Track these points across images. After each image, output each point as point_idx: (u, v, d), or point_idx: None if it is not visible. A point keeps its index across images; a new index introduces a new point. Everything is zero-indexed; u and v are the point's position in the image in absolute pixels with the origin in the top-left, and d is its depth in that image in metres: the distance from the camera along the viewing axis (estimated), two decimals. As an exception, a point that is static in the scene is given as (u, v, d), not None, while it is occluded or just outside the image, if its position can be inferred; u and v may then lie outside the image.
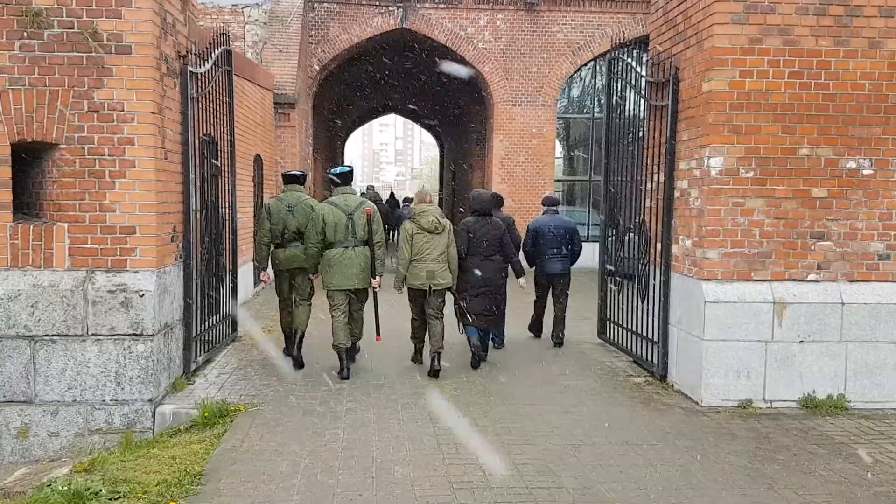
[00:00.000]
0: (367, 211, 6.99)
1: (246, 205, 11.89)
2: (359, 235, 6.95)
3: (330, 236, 6.93)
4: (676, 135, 6.70)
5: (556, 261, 8.47)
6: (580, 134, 19.39)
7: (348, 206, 7.02)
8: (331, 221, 6.92)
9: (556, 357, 7.92)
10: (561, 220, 8.71)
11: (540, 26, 17.92)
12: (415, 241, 7.03)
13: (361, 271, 6.98)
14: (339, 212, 6.96)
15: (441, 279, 7.03)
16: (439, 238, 7.02)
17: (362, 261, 6.97)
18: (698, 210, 6.23)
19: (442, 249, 7.03)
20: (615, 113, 8.28)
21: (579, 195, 19.64)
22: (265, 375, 6.97)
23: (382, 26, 17.69)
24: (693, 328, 6.28)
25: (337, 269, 6.94)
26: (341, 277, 6.94)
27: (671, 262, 6.76)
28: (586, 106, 19.25)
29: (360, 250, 6.96)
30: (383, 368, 7.34)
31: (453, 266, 7.14)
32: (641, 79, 7.46)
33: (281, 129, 15.18)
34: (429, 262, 6.99)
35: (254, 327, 9.44)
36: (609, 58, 8.40)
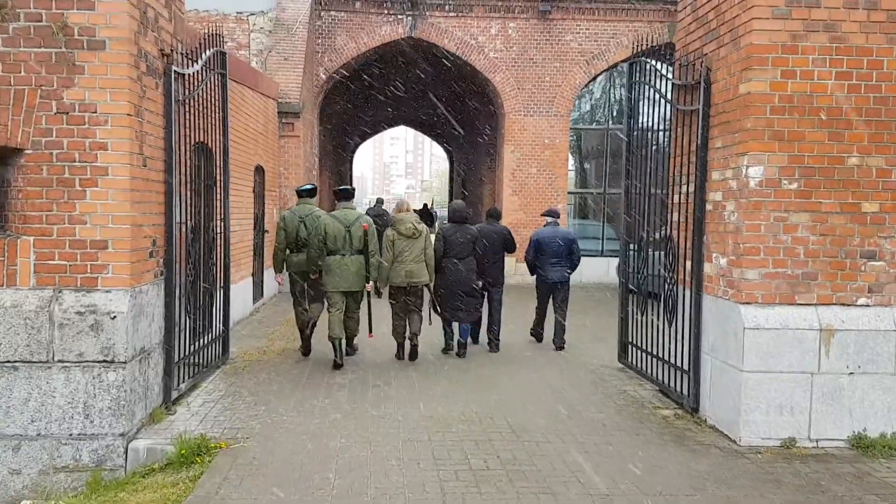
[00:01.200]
0: (363, 226, 7.92)
1: (245, 217, 11.33)
2: (354, 245, 7.89)
3: (330, 244, 7.88)
4: (709, 142, 6.07)
5: (557, 270, 9.02)
6: (594, 145, 18.77)
7: (347, 219, 7.96)
8: (331, 232, 7.87)
9: (573, 383, 7.25)
10: (562, 231, 9.30)
11: (553, 35, 17.36)
12: (395, 246, 8.06)
13: (355, 276, 7.90)
14: (338, 224, 7.92)
15: (418, 277, 8.07)
16: (417, 242, 8.06)
17: (357, 267, 7.90)
18: (735, 225, 5.58)
19: (419, 252, 8.06)
20: (636, 120, 7.66)
21: (592, 208, 18.99)
22: (254, 404, 6.35)
23: (391, 35, 17.17)
24: (730, 357, 5.61)
25: (334, 273, 7.89)
26: (338, 280, 7.88)
27: (703, 283, 6.10)
28: (600, 117, 18.63)
29: (356, 258, 7.90)
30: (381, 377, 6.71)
31: (430, 265, 8.15)
32: (667, 82, 6.83)
33: (285, 139, 14.65)
34: (407, 263, 8.04)
35: (248, 348, 8.83)
36: (630, 61, 7.79)
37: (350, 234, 7.87)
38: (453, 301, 8.31)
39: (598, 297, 15.30)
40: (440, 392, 6.85)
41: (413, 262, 8.04)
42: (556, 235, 9.10)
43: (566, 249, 9.04)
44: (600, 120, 18.62)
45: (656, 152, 7.16)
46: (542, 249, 9.00)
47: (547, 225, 9.30)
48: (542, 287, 9.16)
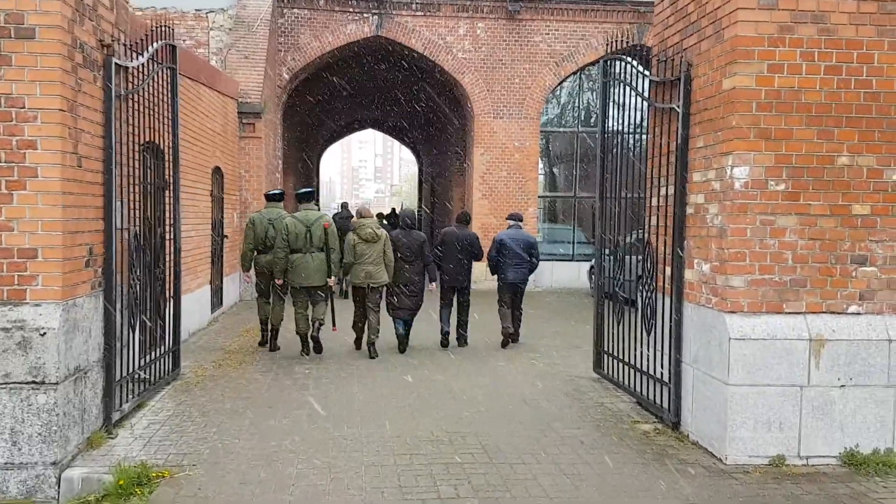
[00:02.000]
0: (325, 225, 8.56)
1: (202, 221, 10.78)
2: (315, 244, 8.47)
3: (292, 244, 8.45)
4: (689, 141, 5.74)
5: (517, 270, 9.46)
6: (564, 149, 18.50)
7: (308, 219, 8.55)
8: (293, 231, 8.46)
9: (548, 396, 6.87)
10: (523, 234, 9.74)
11: (522, 36, 17.06)
12: (356, 249, 8.63)
13: (316, 272, 8.46)
14: (299, 224, 8.51)
15: (377, 278, 8.63)
16: (376, 245, 8.62)
17: (317, 264, 8.47)
18: (719, 229, 5.25)
19: (378, 254, 8.62)
20: (611, 120, 7.33)
21: (562, 212, 18.71)
22: (204, 426, 5.85)
23: (356, 34, 16.72)
24: (713, 369, 5.27)
25: (297, 270, 8.44)
26: (299, 277, 8.45)
27: (684, 290, 5.77)
28: (570, 120, 18.38)
29: (316, 255, 8.47)
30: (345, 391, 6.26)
31: (389, 266, 8.71)
32: (644, 79, 6.50)
33: (245, 141, 14.10)
34: (367, 265, 8.62)
35: (203, 361, 8.30)
36: (604, 58, 7.46)
37: (311, 232, 8.47)
38: (395, 300, 8.96)
39: (571, 301, 15.02)
40: (408, 408, 6.42)
41: (372, 265, 8.62)
42: (519, 237, 9.55)
43: (527, 252, 9.50)
44: (570, 123, 18.36)
45: (632, 153, 6.83)
46: (504, 251, 9.42)
47: (510, 227, 9.75)
48: (503, 287, 9.58)
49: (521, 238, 9.56)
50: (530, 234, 10.42)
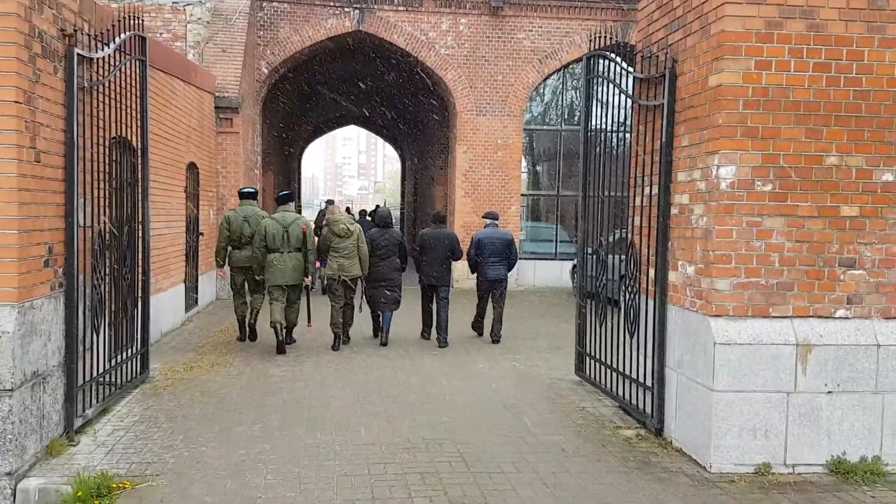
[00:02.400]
0: (303, 228, 8.90)
1: (176, 218, 10.50)
2: (292, 244, 8.81)
3: (270, 244, 8.79)
4: (674, 140, 5.58)
5: (496, 268, 9.66)
6: (547, 147, 18.35)
7: (285, 221, 8.92)
8: (270, 232, 8.81)
9: (529, 399, 6.70)
10: (501, 232, 9.94)
11: (505, 32, 16.88)
12: (331, 244, 9.06)
13: (293, 271, 8.80)
14: (277, 225, 8.86)
15: (350, 271, 9.05)
16: (348, 240, 9.04)
17: (294, 263, 8.81)
18: (704, 230, 5.09)
19: (352, 248, 9.03)
20: (594, 118, 7.17)
21: (545, 210, 18.56)
22: (171, 432, 5.61)
23: (337, 28, 16.45)
24: (698, 375, 5.12)
25: (275, 268, 8.78)
26: (276, 276, 8.77)
27: (668, 293, 5.61)
28: (553, 118, 18.23)
29: (293, 255, 8.81)
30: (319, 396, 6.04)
31: (364, 260, 9.10)
32: (628, 76, 6.34)
33: (223, 136, 13.81)
34: (340, 258, 9.03)
35: (174, 363, 8.05)
36: (588, 55, 7.29)
37: (288, 233, 8.80)
38: (377, 294, 9.39)
39: (553, 301, 14.88)
40: (384, 413, 6.22)
41: (345, 258, 9.04)
42: (496, 236, 9.75)
43: (504, 249, 9.67)
44: (553, 121, 18.21)
45: (616, 152, 6.67)
46: (482, 249, 9.63)
47: (487, 226, 9.97)
48: (482, 285, 9.80)
49: (499, 236, 9.76)
50: (508, 231, 10.61)
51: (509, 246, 9.73)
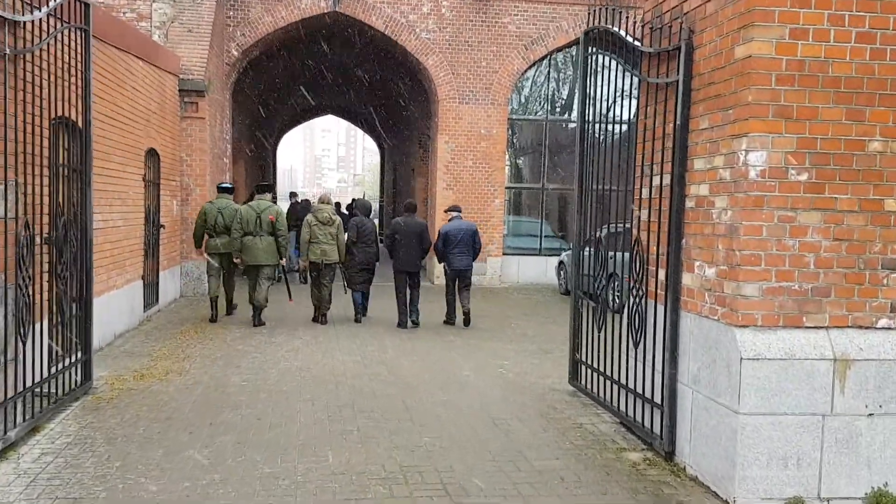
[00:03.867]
0: (271, 217, 9.94)
1: (132, 209, 9.64)
2: (264, 228, 9.89)
3: (245, 227, 9.90)
4: (690, 122, 4.88)
5: (462, 257, 10.25)
6: (532, 138, 17.64)
7: (259, 208, 10.03)
8: (245, 217, 9.94)
9: (519, 414, 5.99)
10: (465, 224, 10.52)
11: (489, 16, 16.13)
12: (312, 230, 10.04)
13: (264, 253, 9.91)
14: (252, 211, 9.98)
15: (330, 256, 10.05)
16: (330, 227, 10.05)
17: (265, 246, 9.91)
18: (728, 226, 4.40)
19: (333, 235, 10.03)
20: (593, 100, 6.46)
21: (529, 204, 17.85)
22: (107, 458, 4.82)
23: (312, 9, 15.58)
24: (720, 394, 4.43)
25: (247, 250, 9.92)
26: (249, 256, 9.93)
27: (681, 298, 4.91)
28: (538, 108, 17.52)
29: (264, 238, 9.91)
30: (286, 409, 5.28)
31: (341, 247, 10.15)
32: (634, 50, 5.63)
33: (188, 122, 12.92)
34: (322, 244, 10.03)
35: (123, 370, 7.23)
36: (586, 28, 6.57)
37: (260, 219, 9.90)
38: (355, 276, 10.39)
39: (538, 298, 14.20)
40: (356, 433, 5.47)
41: (326, 244, 10.02)
42: (461, 227, 10.33)
43: (470, 239, 10.25)
44: (538, 111, 17.50)
45: (619, 138, 5.96)
46: (448, 241, 10.22)
47: (452, 219, 10.49)
48: (449, 274, 10.39)
49: (464, 228, 10.35)
50: (472, 222, 11.09)
51: (474, 236, 10.32)
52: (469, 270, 10.34)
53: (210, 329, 9.66)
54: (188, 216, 12.97)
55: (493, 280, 16.33)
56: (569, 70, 17.50)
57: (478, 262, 16.26)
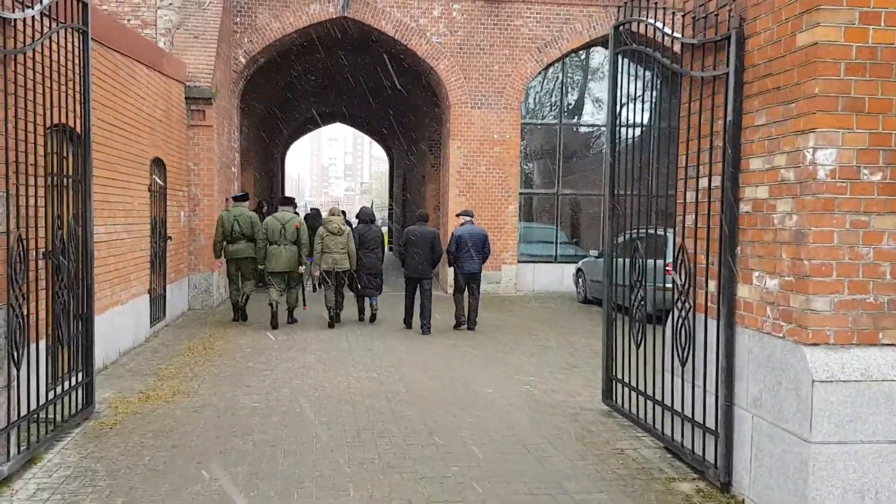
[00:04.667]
0: (296, 225, 10.71)
1: (137, 221, 9.26)
2: (288, 238, 10.58)
3: (270, 237, 10.58)
4: (743, 118, 4.44)
5: (473, 262, 10.55)
6: (546, 142, 17.21)
7: (283, 219, 10.71)
8: (271, 228, 10.62)
9: (551, 437, 5.54)
10: (477, 229, 10.83)
11: (501, 19, 15.74)
12: (324, 240, 10.66)
13: (288, 261, 10.56)
14: (276, 222, 10.66)
15: (342, 264, 10.64)
16: (340, 238, 10.64)
17: (289, 255, 10.58)
18: (794, 233, 3.95)
19: (343, 245, 10.64)
20: (622, 97, 6.04)
21: (544, 210, 17.40)
22: (109, 493, 4.40)
23: (320, 14, 15.23)
24: (787, 420, 3.98)
25: (273, 258, 10.53)
26: (274, 264, 10.53)
27: (736, 312, 4.47)
28: (552, 111, 17.10)
29: (289, 247, 10.59)
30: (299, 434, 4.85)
31: (352, 255, 10.70)
32: (674, 42, 5.20)
33: (195, 130, 12.56)
34: (333, 253, 10.64)
35: (128, 391, 6.82)
36: (616, 22, 6.15)
37: (284, 229, 10.58)
38: (363, 280, 10.96)
39: (556, 307, 13.74)
40: (378, 461, 5.03)
41: (338, 253, 10.63)
42: (473, 232, 10.65)
43: (480, 244, 10.56)
44: (553, 115, 17.08)
45: (656, 137, 5.53)
46: (461, 244, 10.50)
47: (464, 223, 10.82)
48: (459, 277, 10.67)
49: (476, 233, 10.68)
50: (483, 228, 11.43)
51: (484, 241, 10.65)
52: (479, 274, 10.66)
53: (219, 345, 9.25)
54: (196, 227, 12.62)
55: (508, 288, 15.89)
56: (583, 72, 17.09)
57: (492, 271, 15.92)
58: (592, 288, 13.76)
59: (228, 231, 10.90)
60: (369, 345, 9.43)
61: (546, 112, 17.17)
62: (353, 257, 10.65)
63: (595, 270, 13.57)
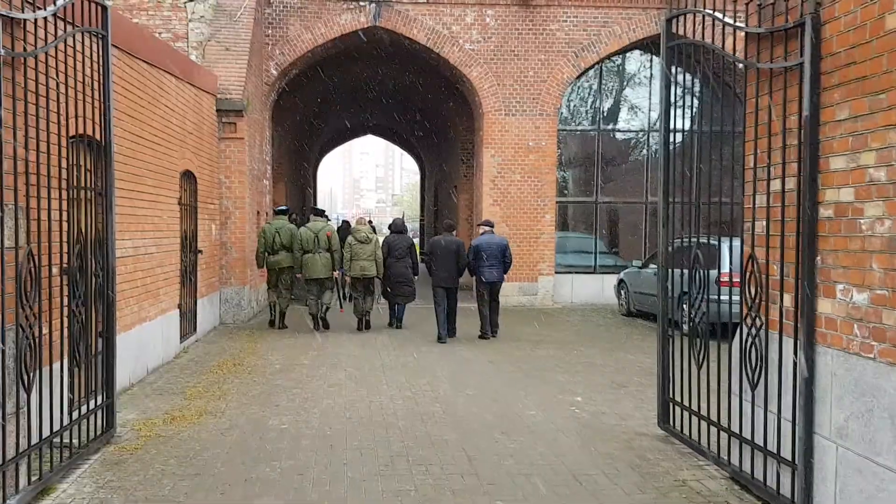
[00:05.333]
0: (328, 234, 11.36)
1: (166, 234, 9.02)
2: (321, 246, 11.26)
3: (305, 246, 11.27)
4: (821, 113, 3.96)
5: (493, 270, 10.68)
6: (583, 149, 16.72)
7: (316, 228, 11.45)
8: (304, 238, 11.31)
9: (604, 466, 5.07)
10: (496, 238, 11.02)
11: (537, 24, 15.35)
12: (353, 248, 11.18)
13: (323, 267, 11.23)
14: (309, 232, 11.35)
15: (369, 271, 11.17)
16: (368, 246, 11.18)
17: (323, 262, 11.24)
18: (887, 240, 3.46)
19: (370, 253, 11.17)
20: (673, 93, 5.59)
21: (580, 219, 16.89)
22: (122, 531, 4.05)
23: (352, 24, 15.02)
24: (880, 452, 3.47)
25: (308, 266, 11.21)
26: (309, 271, 11.20)
27: (816, 329, 3.97)
28: (590, 116, 16.62)
29: (323, 255, 11.26)
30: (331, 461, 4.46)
31: (379, 263, 11.23)
32: (736, 33, 4.74)
33: (226, 142, 12.35)
34: (361, 260, 11.16)
35: (153, 412, 6.52)
36: (668, 14, 5.70)
37: (318, 238, 11.30)
38: (392, 288, 11.49)
39: (597, 321, 13.21)
40: (414, 492, 4.61)
41: (365, 260, 11.21)
42: (493, 242, 10.83)
43: (500, 253, 10.71)
44: (590, 121, 16.60)
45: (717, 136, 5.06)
46: (480, 254, 10.67)
47: (484, 233, 11.03)
48: (480, 286, 10.84)
49: (495, 242, 10.84)
50: (503, 237, 11.51)
51: (504, 251, 10.78)
52: (499, 283, 10.83)
53: (249, 360, 8.95)
54: (227, 240, 12.39)
55: (545, 301, 15.40)
56: (620, 77, 16.60)
57: (529, 283, 15.45)
58: (636, 300, 13.21)
59: (270, 242, 11.56)
60: (403, 361, 9.04)
61: (583, 118, 16.70)
62: (381, 265, 11.23)
63: (639, 281, 13.03)
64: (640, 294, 12.95)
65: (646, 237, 16.35)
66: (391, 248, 11.34)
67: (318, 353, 9.51)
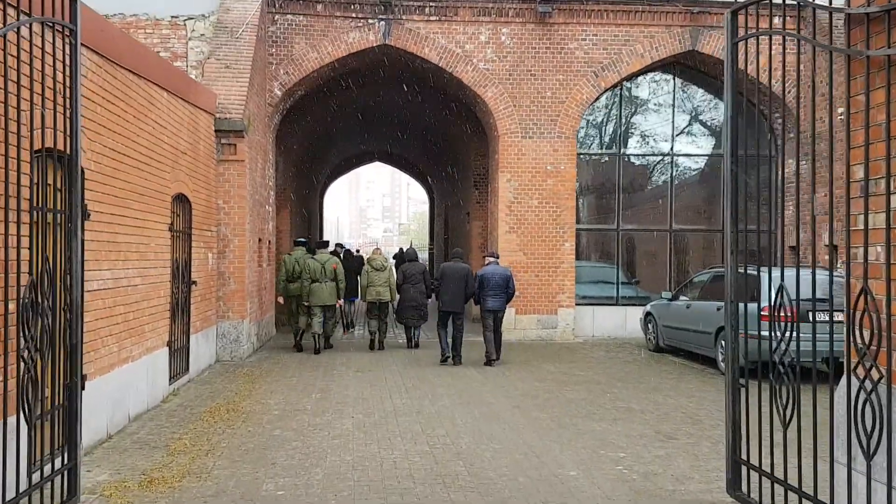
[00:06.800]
0: (333, 266, 12.50)
1: (155, 264, 8.15)
2: (328, 275, 12.40)
3: (312, 276, 12.36)
4: (969, 105, 3.07)
5: (496, 299, 11.17)
6: (604, 174, 15.87)
7: (322, 259, 12.58)
8: (312, 268, 12.41)
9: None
10: (500, 269, 11.45)
11: (554, 42, 14.59)
12: (369, 275, 12.82)
13: (329, 296, 12.41)
14: (317, 263, 12.47)
15: (384, 296, 12.70)
16: (383, 273, 12.82)
17: (329, 290, 12.41)
18: None
19: (385, 279, 12.77)
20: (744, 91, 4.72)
21: (599, 247, 15.99)
22: None
23: (360, 43, 14.29)
24: None
25: (315, 294, 12.33)
26: (317, 298, 12.32)
27: (970, 387, 3.04)
28: (611, 140, 15.80)
29: (329, 284, 12.40)
30: None
31: (393, 289, 12.76)
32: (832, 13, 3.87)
33: (225, 165, 11.54)
34: (377, 286, 12.72)
35: (128, 470, 5.57)
36: (734, 7, 4.85)
37: (324, 268, 12.31)
38: (406, 312, 12.58)
39: (625, 357, 12.23)
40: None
41: (381, 286, 12.61)
42: (496, 272, 11.27)
43: (504, 283, 11.19)
44: (610, 144, 15.78)
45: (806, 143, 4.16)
46: (484, 284, 11.16)
47: (489, 264, 11.48)
48: (485, 314, 11.22)
49: (499, 273, 11.29)
50: (507, 268, 11.93)
51: (508, 281, 11.26)
52: (502, 312, 11.34)
53: (244, 405, 8.01)
54: (225, 270, 11.53)
55: (566, 334, 14.42)
56: (643, 98, 15.80)
57: (548, 315, 14.50)
58: (666, 334, 12.23)
59: (290, 271, 12.77)
60: (417, 406, 8.08)
61: (603, 141, 15.88)
62: (395, 290, 12.65)
63: (669, 314, 12.08)
64: (671, 328, 11.99)
65: (671, 267, 15.42)
66: (406, 276, 12.49)
67: (321, 396, 8.57)
